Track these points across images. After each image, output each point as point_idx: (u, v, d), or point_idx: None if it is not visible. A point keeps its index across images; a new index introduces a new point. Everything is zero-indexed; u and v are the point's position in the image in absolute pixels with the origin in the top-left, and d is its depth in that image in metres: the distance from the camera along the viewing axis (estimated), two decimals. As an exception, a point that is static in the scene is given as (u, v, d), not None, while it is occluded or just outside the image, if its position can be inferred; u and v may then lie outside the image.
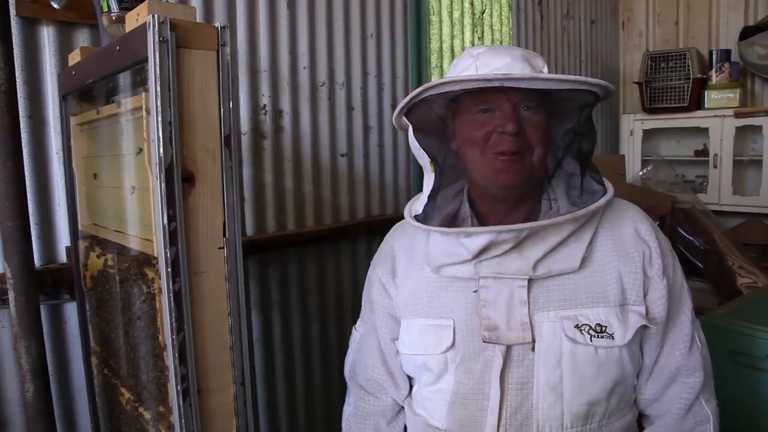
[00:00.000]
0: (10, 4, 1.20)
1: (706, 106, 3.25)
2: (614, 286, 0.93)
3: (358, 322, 1.18)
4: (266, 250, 1.80)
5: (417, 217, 1.00)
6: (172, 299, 0.79)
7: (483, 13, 2.64)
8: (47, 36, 1.36)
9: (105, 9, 0.99)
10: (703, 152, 3.34)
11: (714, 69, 3.24)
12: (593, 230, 0.94)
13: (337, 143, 2.01)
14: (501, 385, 0.91)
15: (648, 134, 3.51)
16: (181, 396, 0.80)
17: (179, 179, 0.79)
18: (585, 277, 0.93)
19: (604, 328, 0.90)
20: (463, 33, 2.54)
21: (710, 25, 3.47)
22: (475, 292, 0.93)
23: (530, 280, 0.91)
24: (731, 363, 1.70)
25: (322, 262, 1.98)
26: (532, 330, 0.91)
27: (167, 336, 0.80)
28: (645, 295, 0.94)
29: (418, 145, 0.99)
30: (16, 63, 1.14)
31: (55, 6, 1.33)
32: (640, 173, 3.37)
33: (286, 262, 1.87)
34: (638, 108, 3.55)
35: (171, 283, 0.78)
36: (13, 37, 1.18)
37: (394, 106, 2.20)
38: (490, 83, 0.87)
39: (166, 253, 0.78)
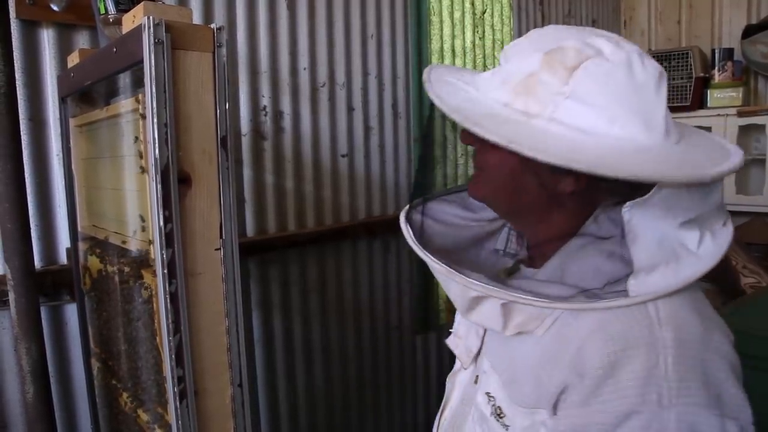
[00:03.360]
0: (10, 7, 1.21)
1: (708, 105, 3.23)
2: (537, 380, 0.66)
3: None
4: (267, 250, 1.80)
5: None
6: (168, 301, 0.79)
7: (484, 13, 2.63)
8: (47, 38, 1.36)
9: (102, 11, 1.00)
10: (706, 151, 3.32)
11: (717, 68, 3.22)
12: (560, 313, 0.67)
13: (338, 144, 2.01)
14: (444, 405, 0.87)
15: (651, 134, 3.50)
16: (178, 397, 0.80)
17: (175, 181, 0.79)
18: (528, 348, 0.68)
19: (502, 416, 0.71)
20: (464, 33, 2.53)
21: (713, 24, 3.45)
22: None
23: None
24: (734, 363, 1.69)
25: (323, 262, 1.98)
26: (473, 360, 0.80)
27: (164, 337, 0.80)
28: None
29: None
30: (16, 65, 1.15)
31: (55, 8, 1.33)
32: (643, 173, 3.36)
33: (286, 262, 1.87)
34: (641, 107, 3.53)
35: (167, 285, 0.78)
36: (13, 40, 1.19)
37: (394, 107, 2.20)
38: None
39: (162, 254, 0.78)
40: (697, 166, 0.57)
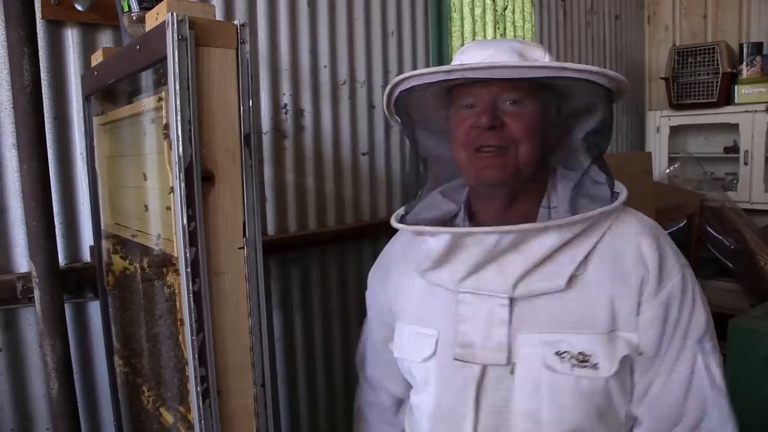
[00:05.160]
0: (36, 8, 1.22)
1: (736, 101, 3.16)
2: (605, 311, 0.84)
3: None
4: (287, 249, 1.80)
5: (404, 217, 0.96)
6: (191, 300, 0.78)
7: (505, 9, 2.60)
8: (71, 38, 1.37)
9: (126, 9, 1.00)
10: (734, 149, 3.25)
11: (745, 63, 3.15)
12: (592, 245, 0.85)
13: (359, 142, 2.00)
14: (476, 406, 0.86)
15: (675, 131, 3.44)
16: (200, 397, 0.80)
17: (199, 179, 0.78)
18: (574, 299, 0.84)
19: (587, 358, 0.82)
20: (485, 30, 2.51)
21: (740, 18, 3.38)
22: (458, 303, 0.89)
23: (513, 299, 0.85)
24: (767, 367, 1.65)
25: (344, 261, 1.98)
26: (510, 352, 0.85)
27: (187, 337, 0.80)
28: (638, 317, 0.85)
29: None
30: (41, 65, 1.16)
31: (79, 8, 1.34)
32: (668, 171, 3.30)
33: (307, 261, 1.87)
34: (665, 104, 3.47)
35: (191, 284, 0.78)
36: (39, 40, 1.19)
37: (415, 104, 2.18)
38: (449, 75, 0.82)
39: (185, 253, 0.77)
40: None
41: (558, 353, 0.83)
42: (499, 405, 0.86)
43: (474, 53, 0.89)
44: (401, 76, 0.87)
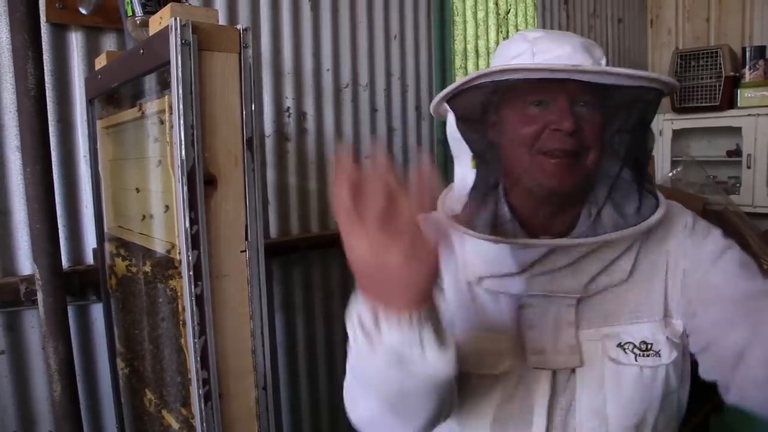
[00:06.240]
0: (40, 11, 1.23)
1: (739, 104, 3.15)
2: (658, 295, 0.83)
3: None
4: (290, 252, 1.80)
5: (457, 219, 0.87)
6: (194, 302, 0.78)
7: (508, 13, 2.60)
8: (75, 41, 1.38)
9: (130, 13, 1.00)
10: (736, 152, 3.25)
11: (748, 66, 3.14)
12: (641, 240, 0.85)
13: (361, 145, 2.00)
14: (548, 412, 0.83)
15: (678, 134, 3.43)
16: (202, 400, 0.80)
17: (201, 182, 0.79)
18: (627, 290, 0.84)
19: (650, 346, 0.82)
20: (487, 33, 2.51)
21: (743, 21, 3.37)
22: (520, 308, 0.85)
23: (580, 299, 0.83)
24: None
25: (346, 264, 1.97)
26: (581, 352, 0.82)
27: (189, 339, 0.80)
28: (690, 301, 0.83)
29: (460, 137, 0.87)
30: (45, 68, 1.16)
31: (83, 11, 1.35)
32: (670, 174, 3.29)
33: (309, 264, 1.87)
34: (667, 107, 3.46)
35: (193, 287, 0.78)
36: (43, 43, 1.20)
37: (418, 108, 2.18)
38: (555, 74, 0.75)
39: (188, 256, 0.78)
40: None
41: (620, 345, 0.82)
42: (565, 407, 0.84)
43: (549, 46, 0.83)
44: (491, 70, 0.78)
